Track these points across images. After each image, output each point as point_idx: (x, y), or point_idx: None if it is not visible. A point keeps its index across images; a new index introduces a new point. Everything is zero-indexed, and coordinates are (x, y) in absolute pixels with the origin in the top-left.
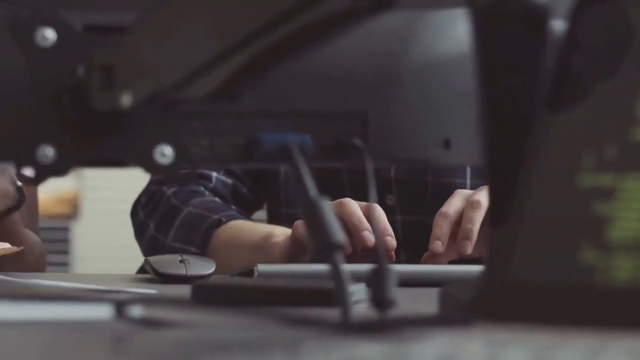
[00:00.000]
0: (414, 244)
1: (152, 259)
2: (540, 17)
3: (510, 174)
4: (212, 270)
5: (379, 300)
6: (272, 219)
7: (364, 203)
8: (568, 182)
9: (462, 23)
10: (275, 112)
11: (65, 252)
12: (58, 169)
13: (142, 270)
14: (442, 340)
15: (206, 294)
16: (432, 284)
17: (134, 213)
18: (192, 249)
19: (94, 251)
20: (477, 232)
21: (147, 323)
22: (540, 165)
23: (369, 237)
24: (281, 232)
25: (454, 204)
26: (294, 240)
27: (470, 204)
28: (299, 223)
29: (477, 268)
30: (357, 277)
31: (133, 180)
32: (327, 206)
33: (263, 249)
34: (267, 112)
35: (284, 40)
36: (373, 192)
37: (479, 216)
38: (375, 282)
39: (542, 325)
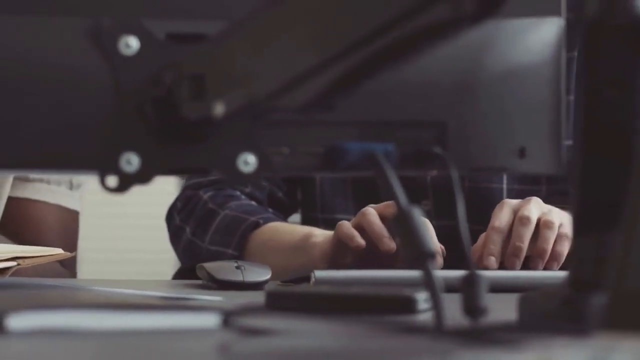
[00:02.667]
0: (449, 248)
1: (207, 265)
2: None
3: (605, 185)
4: (268, 276)
5: (472, 307)
6: (307, 223)
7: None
8: None
9: (535, 32)
10: (355, 121)
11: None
12: (141, 177)
13: (178, 275)
14: (583, 349)
15: (281, 302)
16: (504, 290)
17: (170, 218)
18: (230, 252)
19: (94, 254)
20: (525, 250)
21: (252, 331)
22: None
23: (388, 242)
24: (320, 233)
25: (503, 217)
26: (336, 241)
27: (520, 220)
28: (342, 223)
29: (553, 274)
30: (448, 285)
31: None
32: (419, 215)
33: (302, 250)
34: (347, 121)
35: (385, 50)
36: (460, 199)
37: (529, 233)
38: (468, 290)
39: None
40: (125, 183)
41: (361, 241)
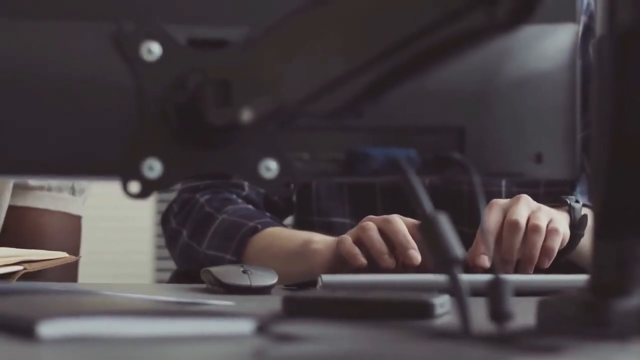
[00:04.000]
0: None
1: (213, 269)
2: None
3: (627, 191)
4: (275, 280)
5: (498, 312)
6: (301, 227)
7: (411, 220)
8: None
9: (551, 38)
10: (375, 127)
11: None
12: (163, 183)
13: (175, 278)
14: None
15: (298, 307)
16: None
17: (165, 221)
18: (228, 257)
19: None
20: (516, 255)
21: (286, 338)
22: None
23: (415, 255)
24: (321, 239)
25: (492, 219)
26: (337, 255)
27: (510, 226)
28: (344, 239)
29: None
30: (473, 290)
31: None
32: (445, 221)
33: (302, 256)
34: (366, 126)
35: (416, 57)
36: (482, 205)
37: (517, 241)
38: (493, 295)
39: None
40: (147, 189)
41: (363, 260)
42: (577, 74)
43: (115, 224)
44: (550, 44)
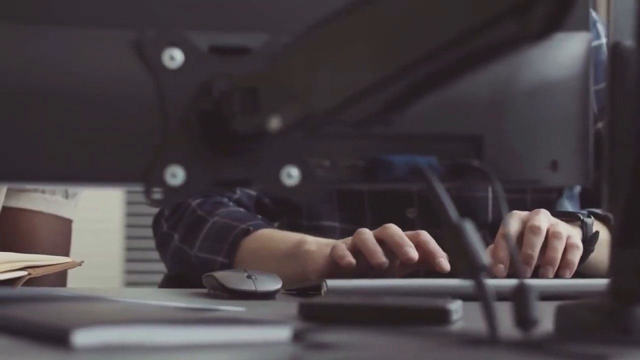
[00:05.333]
0: None
1: (217, 274)
2: None
3: None
4: (279, 285)
5: (524, 319)
6: (291, 230)
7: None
8: None
9: (565, 47)
10: (394, 135)
11: None
12: (186, 190)
13: (166, 282)
14: None
15: (315, 313)
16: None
17: (156, 225)
18: (220, 259)
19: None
20: (536, 258)
21: (322, 346)
22: None
23: (412, 252)
24: (313, 240)
25: (513, 226)
26: (330, 262)
27: (531, 229)
28: (337, 243)
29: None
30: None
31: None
32: (470, 228)
33: (295, 257)
34: (385, 134)
35: (447, 66)
36: (505, 211)
37: (539, 242)
38: (519, 301)
39: None
40: (170, 196)
41: (351, 259)
42: (589, 82)
43: (85, 226)
44: (564, 53)
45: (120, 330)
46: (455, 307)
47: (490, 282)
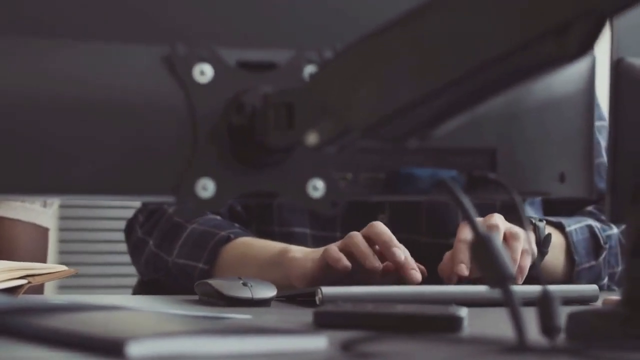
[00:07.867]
0: None
1: (213, 282)
2: None
3: None
4: (274, 293)
5: (549, 326)
6: (262, 237)
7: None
8: None
9: (572, 65)
10: (414, 149)
11: None
12: (216, 202)
13: (139, 288)
14: None
15: (330, 321)
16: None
17: (130, 230)
18: (200, 266)
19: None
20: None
21: (363, 355)
22: None
23: (399, 253)
24: (298, 249)
25: (469, 231)
26: (319, 267)
27: (511, 236)
28: (329, 247)
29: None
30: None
31: None
32: (496, 239)
33: (279, 265)
34: (404, 148)
35: (485, 85)
36: (526, 221)
37: (520, 246)
38: (543, 309)
39: None
40: (201, 208)
41: (347, 263)
42: (594, 97)
43: None
44: (571, 70)
45: (172, 341)
46: (464, 314)
47: (517, 290)
